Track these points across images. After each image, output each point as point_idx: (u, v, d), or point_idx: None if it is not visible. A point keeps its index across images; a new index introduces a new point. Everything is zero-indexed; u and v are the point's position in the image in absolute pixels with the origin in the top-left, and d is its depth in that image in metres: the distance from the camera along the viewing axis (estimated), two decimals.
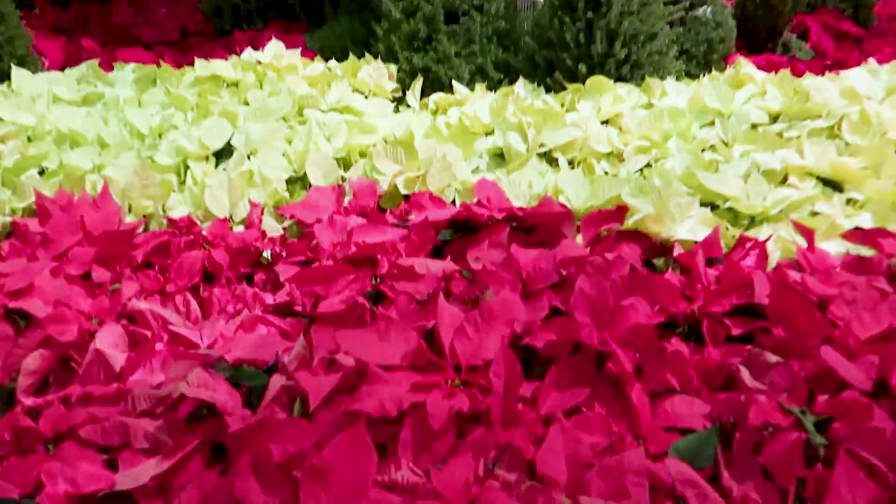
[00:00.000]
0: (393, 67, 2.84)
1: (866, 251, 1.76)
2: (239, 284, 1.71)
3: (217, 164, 2.24)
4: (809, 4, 3.63)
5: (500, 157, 2.31)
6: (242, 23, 3.79)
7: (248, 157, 2.22)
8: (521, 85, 2.73)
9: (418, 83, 2.73)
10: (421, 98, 2.75)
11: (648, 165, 2.25)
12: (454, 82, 2.73)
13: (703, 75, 2.89)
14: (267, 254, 1.84)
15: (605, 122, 2.48)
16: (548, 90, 2.73)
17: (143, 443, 1.25)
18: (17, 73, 2.77)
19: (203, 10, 3.98)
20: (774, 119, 2.48)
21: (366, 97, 2.75)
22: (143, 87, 2.81)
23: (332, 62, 3.04)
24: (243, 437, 1.20)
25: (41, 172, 2.21)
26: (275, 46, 3.06)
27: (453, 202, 2.02)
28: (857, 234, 1.77)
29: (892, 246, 1.68)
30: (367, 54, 3.00)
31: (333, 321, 1.52)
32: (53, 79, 2.81)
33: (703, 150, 2.30)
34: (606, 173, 2.21)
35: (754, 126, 2.41)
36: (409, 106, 2.73)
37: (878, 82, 2.64)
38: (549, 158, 2.26)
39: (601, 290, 1.49)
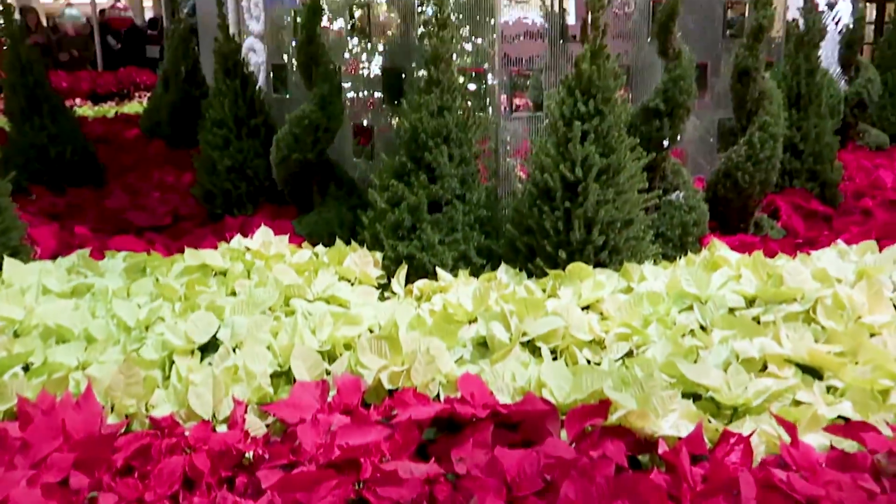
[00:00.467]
0: (378, 255, 2.91)
1: (850, 443, 1.77)
2: (220, 490, 1.68)
3: (202, 358, 2.25)
4: (778, 185, 3.79)
5: (483, 346, 2.34)
6: (233, 207, 3.91)
7: (234, 350, 2.24)
8: (504, 270, 2.81)
9: (403, 270, 2.80)
10: (406, 284, 2.81)
11: (630, 353, 2.28)
12: (438, 269, 2.80)
13: (680, 257, 2.98)
14: (250, 454, 1.82)
15: (586, 308, 2.54)
16: (529, 275, 2.79)
17: None
18: (8, 264, 2.82)
19: (195, 195, 4.11)
20: (751, 303, 2.54)
21: (352, 284, 2.81)
22: (132, 277, 2.86)
23: (320, 248, 3.13)
24: None
25: (26, 368, 2.22)
26: (263, 233, 3.15)
27: (437, 396, 2.03)
28: (839, 428, 1.78)
29: (875, 440, 1.69)
30: (353, 241, 3.08)
31: None
32: (44, 269, 2.86)
33: (682, 336, 2.34)
34: (589, 362, 2.23)
35: (731, 310, 2.47)
36: (394, 293, 2.79)
37: (848, 264, 2.73)
38: (532, 347, 2.29)
39: (587, 495, 1.48)
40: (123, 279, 2.85)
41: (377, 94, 4.01)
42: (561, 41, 3.47)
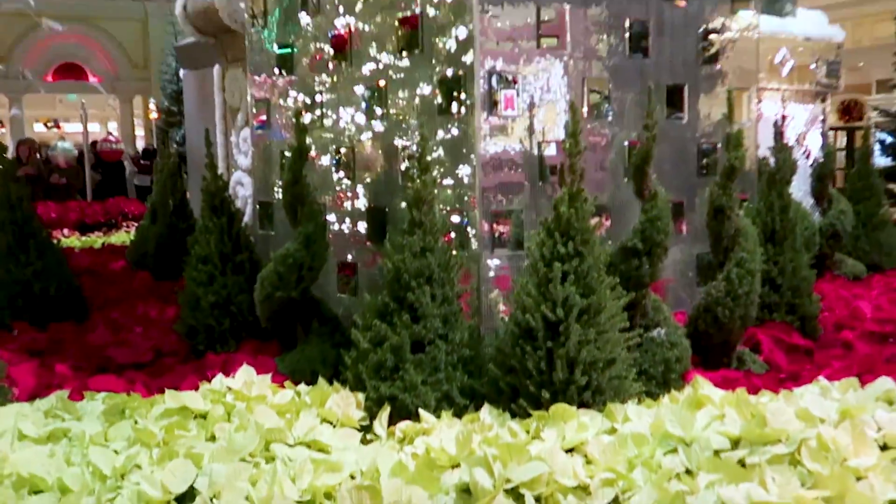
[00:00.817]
0: (361, 395, 2.89)
1: None
2: None
3: None
4: (758, 318, 3.82)
5: (466, 492, 2.29)
6: (216, 343, 3.89)
7: (211, 501, 2.19)
8: (487, 411, 2.79)
9: (385, 412, 2.78)
10: (388, 425, 2.78)
11: (616, 499, 2.25)
12: (421, 410, 2.78)
13: (664, 395, 2.98)
14: None
15: (570, 451, 2.51)
16: (513, 415, 2.77)
17: None
18: None
19: (178, 331, 4.10)
20: (735, 443, 2.52)
21: (333, 426, 2.77)
22: (111, 420, 2.82)
23: (302, 387, 3.10)
24: None
25: None
26: (246, 373, 3.14)
27: None
28: None
29: None
30: (336, 380, 3.07)
31: None
32: (21, 413, 2.82)
33: (668, 480, 2.31)
34: None
35: (716, 452, 2.45)
36: (376, 435, 2.75)
37: (831, 402, 2.74)
38: (515, 494, 2.25)
39: None
40: (101, 422, 2.81)
41: (361, 229, 4.08)
42: (540, 182, 3.57)
